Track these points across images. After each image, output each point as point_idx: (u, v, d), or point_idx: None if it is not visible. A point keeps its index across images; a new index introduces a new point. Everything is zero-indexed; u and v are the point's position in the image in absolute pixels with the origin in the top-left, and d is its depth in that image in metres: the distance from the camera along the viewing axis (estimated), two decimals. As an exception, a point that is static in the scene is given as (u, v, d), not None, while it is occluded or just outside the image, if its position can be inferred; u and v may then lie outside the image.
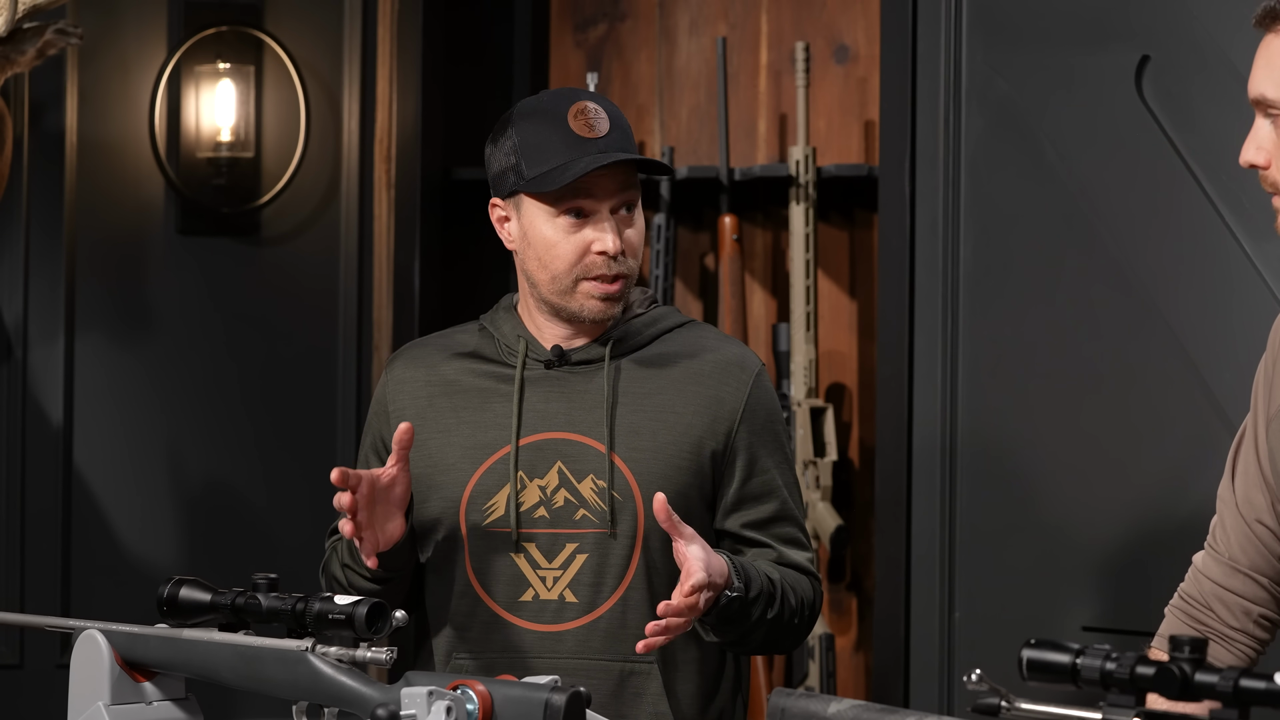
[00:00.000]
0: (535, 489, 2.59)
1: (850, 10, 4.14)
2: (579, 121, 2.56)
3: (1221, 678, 1.63)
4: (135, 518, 4.24)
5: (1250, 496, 2.31)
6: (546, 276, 2.60)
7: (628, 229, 2.59)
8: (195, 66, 4.29)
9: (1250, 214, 3.18)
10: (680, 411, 2.61)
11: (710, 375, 2.64)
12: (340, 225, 4.38)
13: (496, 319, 2.69)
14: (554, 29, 4.52)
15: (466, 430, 2.63)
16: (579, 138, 2.55)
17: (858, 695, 3.99)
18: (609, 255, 2.56)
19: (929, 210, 3.58)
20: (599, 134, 2.56)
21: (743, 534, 2.64)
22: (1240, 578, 2.32)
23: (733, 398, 2.63)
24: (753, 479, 2.64)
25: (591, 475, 2.58)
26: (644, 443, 2.59)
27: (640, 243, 2.61)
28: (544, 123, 2.57)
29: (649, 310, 2.69)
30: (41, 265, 4.16)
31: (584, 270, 2.58)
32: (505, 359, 2.65)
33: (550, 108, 2.59)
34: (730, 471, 2.63)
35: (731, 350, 2.68)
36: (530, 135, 2.58)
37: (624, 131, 2.59)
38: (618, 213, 2.59)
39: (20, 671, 4.14)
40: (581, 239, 2.57)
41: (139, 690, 2.24)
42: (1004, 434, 3.50)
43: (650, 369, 2.64)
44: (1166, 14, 3.28)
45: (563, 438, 2.60)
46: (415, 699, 1.99)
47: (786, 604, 2.58)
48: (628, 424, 2.60)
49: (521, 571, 2.59)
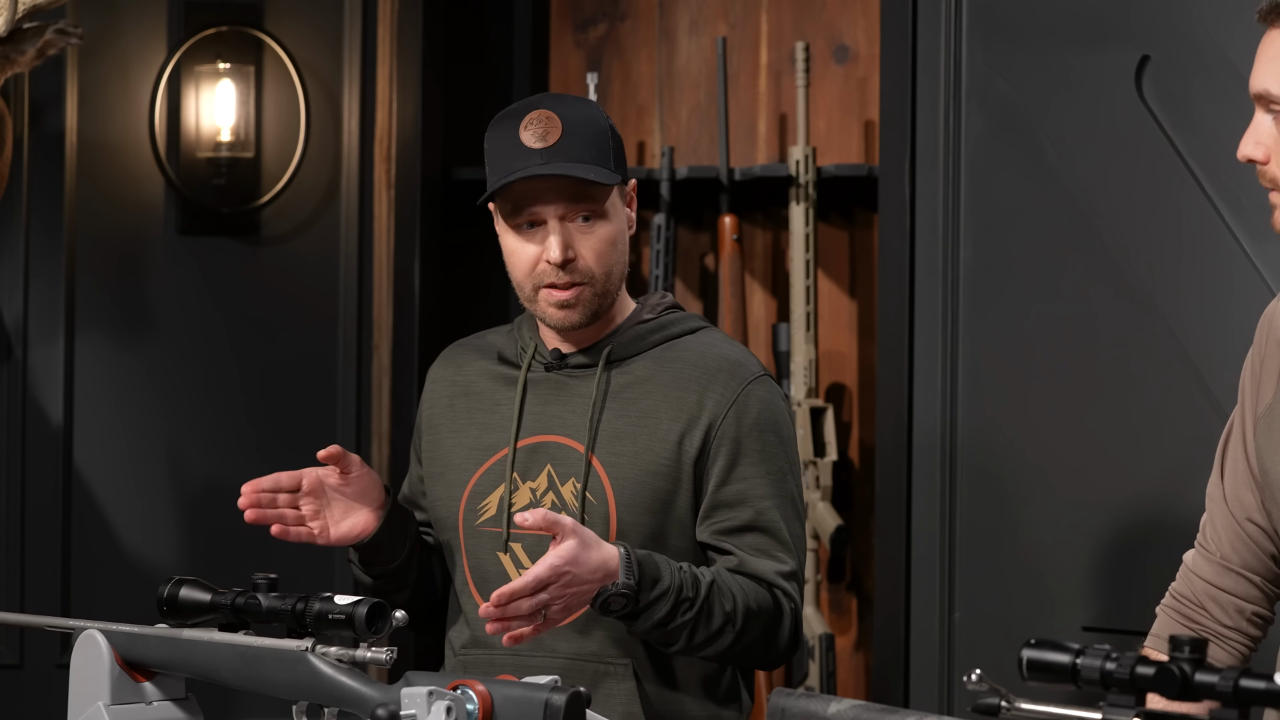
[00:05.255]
0: (527, 491, 2.62)
1: (850, 10, 4.14)
2: (528, 131, 2.57)
3: (1221, 678, 1.63)
4: (135, 518, 4.24)
5: (1239, 495, 2.31)
6: (515, 284, 2.65)
7: (587, 238, 2.59)
8: (195, 66, 4.28)
9: (1250, 214, 3.18)
10: (661, 417, 2.61)
11: (696, 380, 2.63)
12: (340, 225, 4.38)
13: (522, 320, 2.74)
14: (554, 29, 4.51)
15: (475, 431, 2.68)
16: (523, 147, 2.56)
17: (858, 695, 3.99)
18: (553, 264, 2.57)
19: (929, 210, 3.58)
20: (546, 144, 2.56)
21: (711, 542, 2.61)
22: (1233, 576, 2.32)
23: (716, 402, 2.61)
24: (727, 486, 2.61)
25: (573, 478, 2.60)
26: (624, 447, 2.60)
27: (604, 250, 2.60)
28: (502, 131, 2.60)
29: (660, 316, 2.69)
30: (41, 265, 4.16)
31: (537, 279, 2.60)
32: (519, 360, 2.69)
33: (513, 115, 2.61)
34: (707, 478, 2.61)
35: (729, 355, 2.66)
36: (492, 143, 2.62)
37: (582, 140, 2.58)
38: (573, 222, 2.59)
39: (20, 671, 4.13)
40: (534, 248, 2.60)
41: (139, 690, 2.24)
42: (1004, 434, 3.50)
43: (642, 375, 2.64)
44: (1166, 14, 3.28)
45: (553, 440, 2.63)
46: (415, 699, 1.99)
47: (716, 608, 2.53)
48: (611, 428, 2.61)
49: (506, 571, 2.61)
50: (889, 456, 3.66)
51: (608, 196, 2.61)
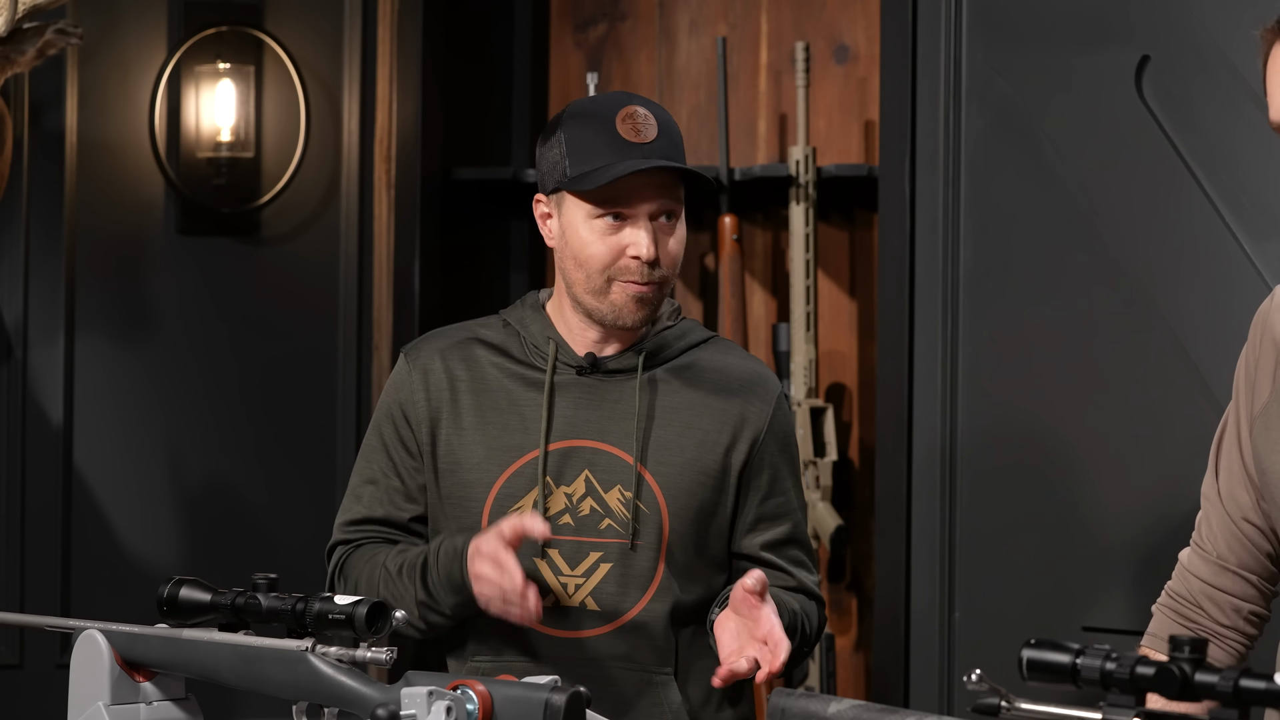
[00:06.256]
0: (561, 495, 2.58)
1: (850, 10, 4.14)
2: (626, 125, 2.56)
3: (1221, 678, 1.63)
4: (135, 518, 4.24)
5: (1235, 494, 2.30)
6: (581, 275, 2.59)
7: (667, 238, 2.58)
8: (195, 66, 4.28)
9: (1250, 214, 3.19)
10: (708, 427, 2.62)
11: (738, 392, 2.65)
12: (340, 225, 4.38)
13: (523, 317, 2.67)
14: (554, 29, 4.51)
15: (494, 431, 2.61)
16: (624, 141, 2.55)
17: (858, 695, 3.99)
18: (643, 261, 2.56)
19: (929, 210, 3.58)
20: (645, 139, 2.55)
21: (759, 555, 2.65)
22: (1229, 576, 2.32)
23: (757, 416, 2.64)
24: (771, 499, 2.65)
25: (619, 486, 2.58)
26: (672, 457, 2.60)
27: (678, 254, 2.60)
28: (592, 124, 2.57)
29: (678, 323, 2.69)
30: (41, 265, 4.16)
31: (617, 272, 2.57)
32: (533, 360, 2.64)
33: (600, 109, 2.59)
34: (750, 489, 2.64)
35: (755, 369, 2.70)
36: (577, 135, 2.58)
37: (672, 140, 2.58)
38: (657, 220, 2.57)
39: (20, 671, 4.13)
40: (617, 241, 2.56)
41: (139, 690, 2.24)
42: (1004, 434, 3.50)
43: (680, 382, 2.64)
44: (1166, 14, 3.28)
45: (592, 446, 2.59)
46: (415, 699, 1.99)
47: (805, 635, 2.62)
48: (657, 438, 2.60)
49: (543, 577, 2.57)
50: (889, 456, 3.66)
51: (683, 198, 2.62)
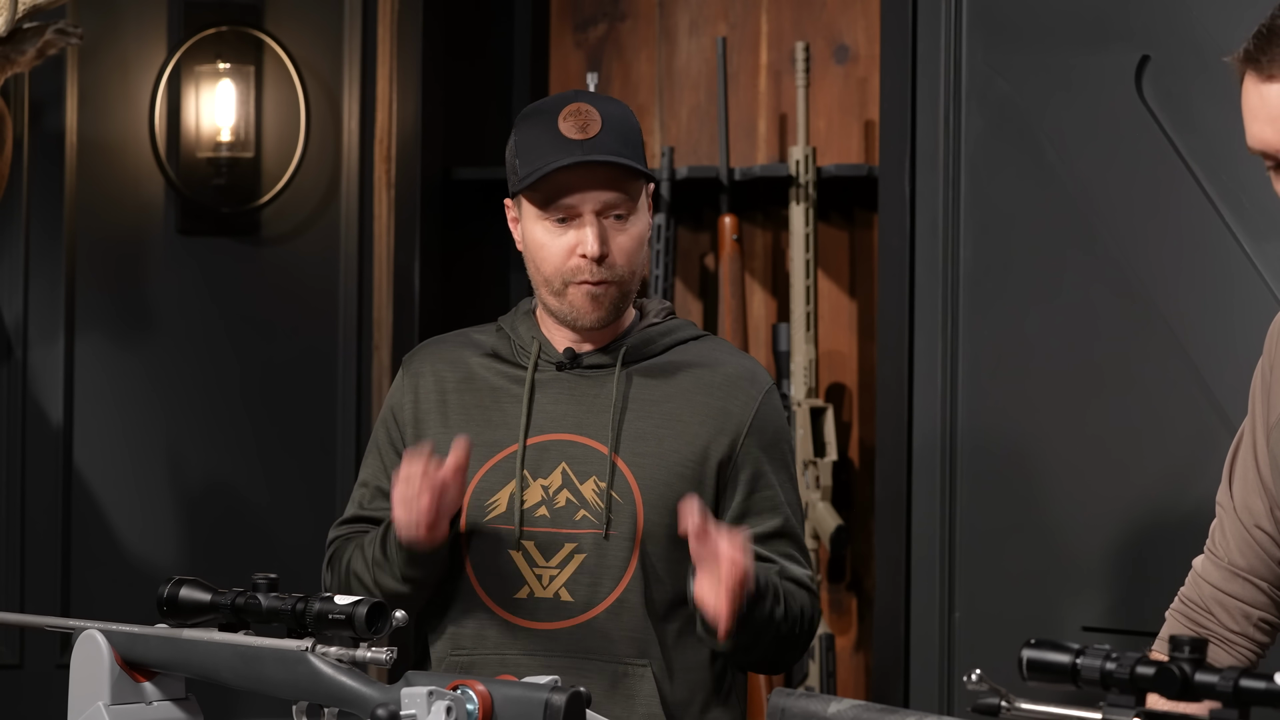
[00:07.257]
0: (538, 488, 2.60)
1: (850, 10, 4.14)
2: (568, 123, 2.56)
3: (1221, 678, 1.63)
4: (135, 518, 4.24)
5: (1249, 502, 2.31)
6: (541, 278, 2.61)
7: (619, 235, 2.58)
8: (195, 66, 4.28)
9: (1250, 214, 3.18)
10: (687, 420, 2.62)
11: (719, 387, 2.64)
12: (340, 225, 4.38)
13: (515, 321, 2.70)
14: (554, 29, 4.51)
15: (476, 428, 2.63)
16: (564, 138, 2.55)
17: (858, 695, 3.99)
18: (590, 258, 2.56)
19: (929, 210, 3.58)
20: (586, 135, 2.55)
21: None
22: (1240, 582, 2.32)
23: (740, 410, 2.64)
24: (757, 493, 2.64)
25: (594, 477, 2.58)
26: (648, 448, 2.60)
27: (634, 250, 2.59)
28: (538, 123, 2.58)
29: (665, 321, 2.70)
30: (41, 265, 4.16)
31: (570, 274, 2.58)
32: (519, 360, 2.66)
33: (547, 108, 2.60)
34: (734, 484, 2.64)
35: (743, 364, 2.69)
36: (525, 135, 2.59)
37: (620, 135, 2.57)
38: (606, 217, 2.57)
39: (20, 671, 4.13)
40: (566, 242, 2.57)
41: (139, 690, 2.24)
42: (1004, 434, 3.50)
43: (660, 377, 2.64)
44: (1166, 14, 3.28)
45: (568, 439, 2.61)
46: (415, 699, 1.99)
47: (789, 608, 2.58)
48: (634, 429, 2.60)
49: (518, 569, 2.59)
50: (889, 456, 3.66)
51: (640, 195, 2.61)
